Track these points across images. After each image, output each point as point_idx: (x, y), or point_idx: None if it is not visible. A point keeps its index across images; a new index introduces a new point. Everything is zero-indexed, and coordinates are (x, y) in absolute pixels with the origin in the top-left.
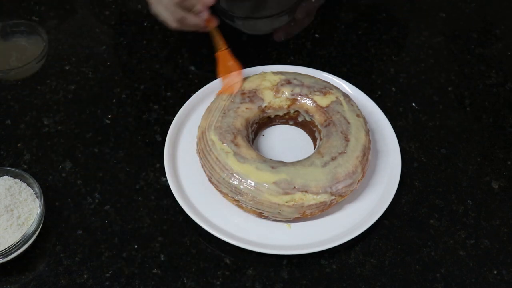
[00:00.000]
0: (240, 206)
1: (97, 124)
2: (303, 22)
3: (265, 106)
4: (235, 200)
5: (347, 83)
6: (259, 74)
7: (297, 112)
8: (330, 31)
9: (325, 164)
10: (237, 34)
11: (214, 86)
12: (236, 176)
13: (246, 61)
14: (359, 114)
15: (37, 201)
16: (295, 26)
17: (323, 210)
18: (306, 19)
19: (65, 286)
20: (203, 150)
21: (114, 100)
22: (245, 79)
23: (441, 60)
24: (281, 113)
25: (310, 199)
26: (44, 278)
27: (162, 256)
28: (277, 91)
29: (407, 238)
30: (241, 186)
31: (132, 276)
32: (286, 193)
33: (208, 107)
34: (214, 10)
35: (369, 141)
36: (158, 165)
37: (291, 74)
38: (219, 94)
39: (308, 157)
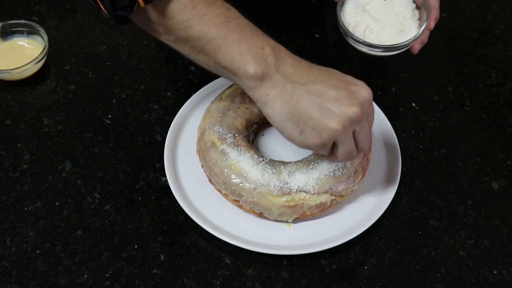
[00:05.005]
0: (240, 206)
1: (97, 124)
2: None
3: None
4: (235, 200)
5: None
6: None
7: None
8: (330, 31)
9: (325, 165)
10: None
11: (214, 86)
12: (236, 176)
13: None
14: None
15: None
16: (426, 32)
17: (323, 210)
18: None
19: (65, 286)
20: (203, 151)
21: (114, 100)
22: None
23: (441, 60)
24: None
25: (310, 199)
26: (44, 278)
27: (162, 256)
28: None
29: (407, 238)
30: (241, 187)
31: (132, 276)
32: (286, 193)
33: (208, 107)
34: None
35: None
36: (158, 165)
37: None
38: None
39: (308, 157)
